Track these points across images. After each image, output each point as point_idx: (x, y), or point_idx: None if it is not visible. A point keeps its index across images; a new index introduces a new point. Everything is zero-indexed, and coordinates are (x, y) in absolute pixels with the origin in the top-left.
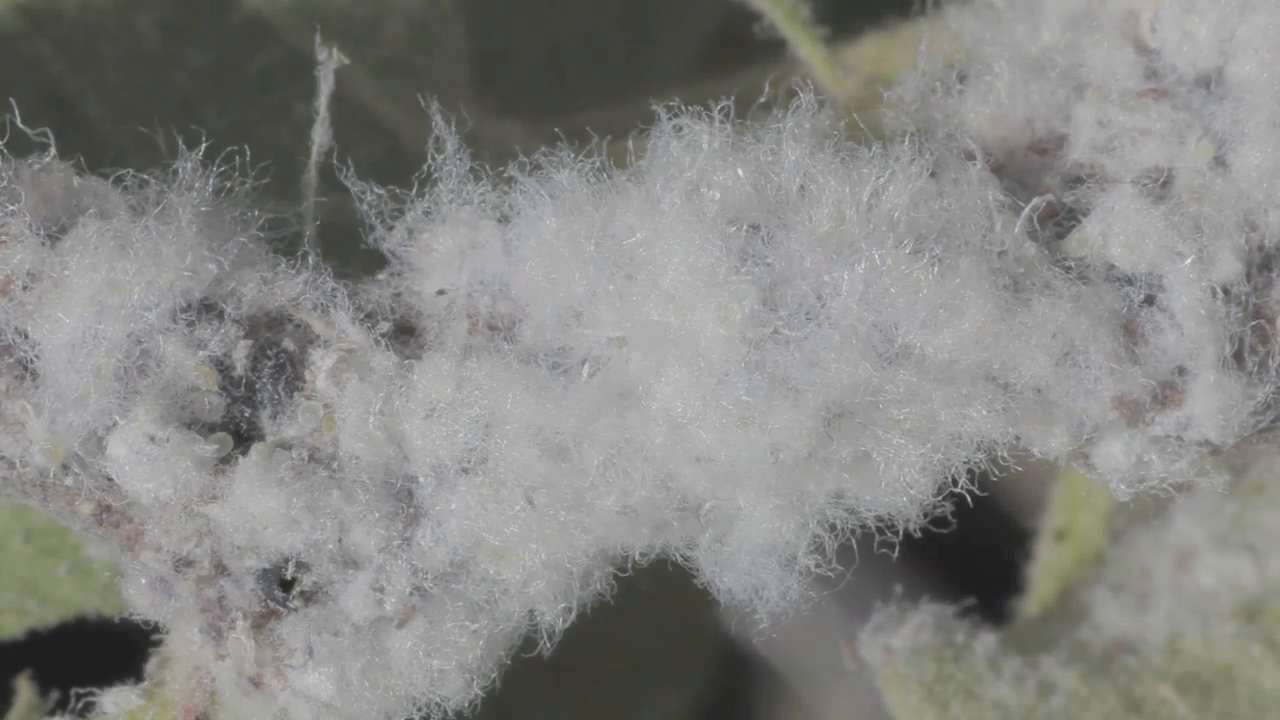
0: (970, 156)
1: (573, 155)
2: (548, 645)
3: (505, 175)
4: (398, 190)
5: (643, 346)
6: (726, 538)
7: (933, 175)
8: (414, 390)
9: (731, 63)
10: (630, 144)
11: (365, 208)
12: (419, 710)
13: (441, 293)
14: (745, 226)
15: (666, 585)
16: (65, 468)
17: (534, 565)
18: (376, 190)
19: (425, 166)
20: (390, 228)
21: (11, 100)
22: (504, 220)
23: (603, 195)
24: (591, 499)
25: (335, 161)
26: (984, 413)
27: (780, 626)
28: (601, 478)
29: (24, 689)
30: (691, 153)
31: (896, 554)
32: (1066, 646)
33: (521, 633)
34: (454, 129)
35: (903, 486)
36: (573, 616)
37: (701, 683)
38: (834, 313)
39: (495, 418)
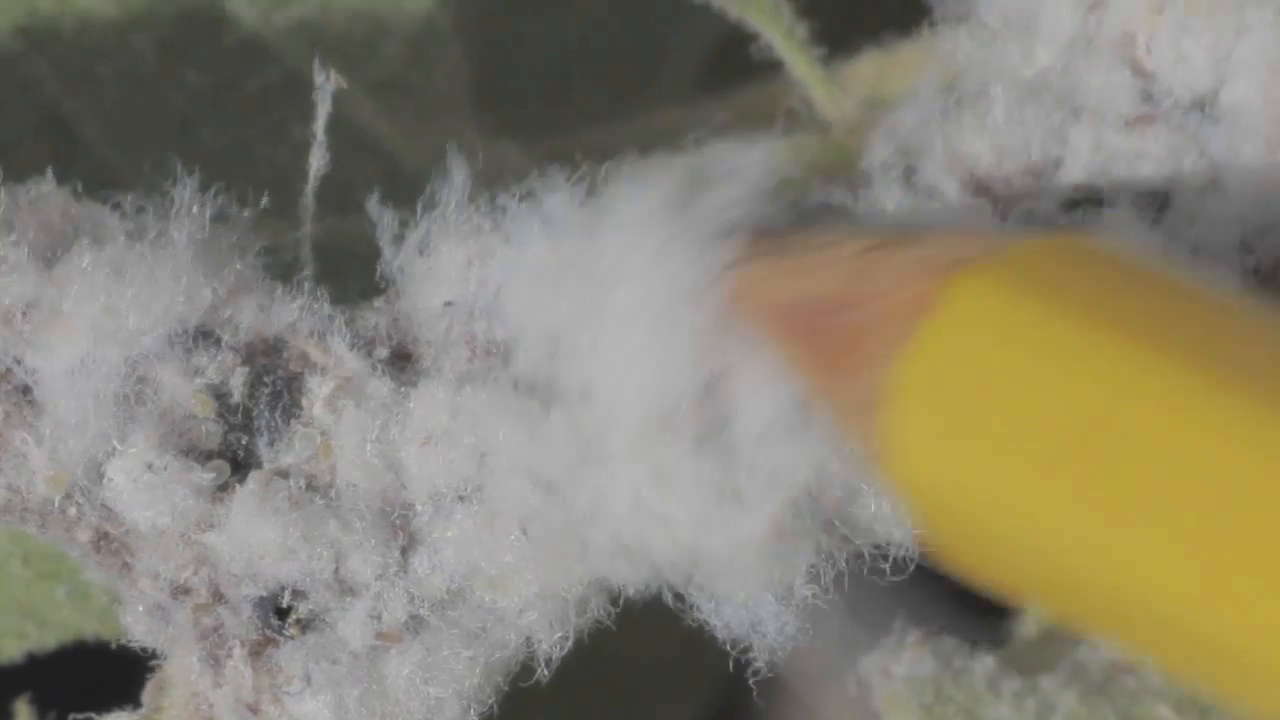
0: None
1: (564, 180)
2: (545, 673)
3: (498, 204)
4: (402, 215)
5: (612, 390)
6: (720, 576)
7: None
8: (410, 418)
9: (733, 80)
10: (624, 167)
11: (380, 230)
12: None
13: (450, 304)
14: None
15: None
16: (68, 496)
17: (529, 595)
18: (388, 212)
19: (428, 189)
20: (400, 240)
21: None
22: (507, 240)
23: (593, 221)
24: (584, 533)
25: (336, 185)
26: None
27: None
28: (590, 516)
29: (22, 713)
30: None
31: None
32: (1066, 667)
33: (519, 659)
34: (459, 152)
35: (897, 519)
36: (570, 644)
37: (704, 694)
38: None
39: (490, 447)
